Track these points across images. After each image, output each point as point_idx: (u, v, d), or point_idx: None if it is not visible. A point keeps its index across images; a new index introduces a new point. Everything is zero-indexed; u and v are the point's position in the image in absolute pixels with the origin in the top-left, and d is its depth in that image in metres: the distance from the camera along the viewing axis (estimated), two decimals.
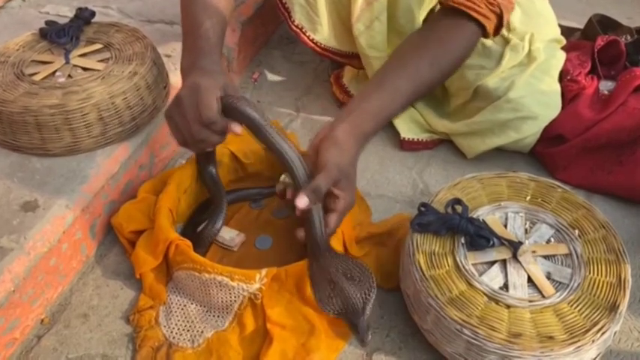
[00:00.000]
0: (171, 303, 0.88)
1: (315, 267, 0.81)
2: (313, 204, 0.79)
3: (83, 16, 1.11)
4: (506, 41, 1.06)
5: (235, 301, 0.83)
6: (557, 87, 1.08)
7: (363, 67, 1.16)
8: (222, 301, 0.84)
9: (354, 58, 1.17)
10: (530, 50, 1.07)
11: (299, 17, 1.11)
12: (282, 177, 0.99)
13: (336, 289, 0.78)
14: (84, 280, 0.93)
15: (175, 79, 1.12)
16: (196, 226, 0.96)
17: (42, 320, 0.88)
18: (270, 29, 1.47)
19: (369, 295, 0.78)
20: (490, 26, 0.92)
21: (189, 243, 0.88)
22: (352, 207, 0.83)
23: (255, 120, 0.82)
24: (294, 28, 1.12)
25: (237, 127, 0.83)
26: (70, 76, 1.01)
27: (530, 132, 1.06)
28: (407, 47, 0.93)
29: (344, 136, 0.82)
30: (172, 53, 1.18)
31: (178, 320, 0.86)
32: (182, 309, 0.87)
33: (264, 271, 0.82)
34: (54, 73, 1.02)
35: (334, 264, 0.80)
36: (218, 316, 0.85)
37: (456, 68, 0.97)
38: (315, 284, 0.80)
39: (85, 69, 1.03)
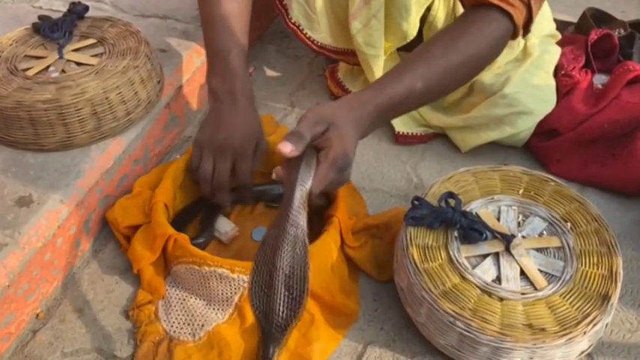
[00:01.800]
0: (171, 297, 0.88)
1: (272, 235, 0.64)
2: (297, 150, 0.68)
3: (76, 11, 1.11)
4: None
5: (236, 293, 0.84)
6: (552, 82, 1.09)
7: (357, 63, 1.16)
8: (222, 294, 0.84)
9: (349, 54, 1.17)
10: (525, 46, 1.07)
11: (296, 15, 1.11)
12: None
13: (271, 288, 0.63)
14: (79, 274, 0.94)
15: (169, 74, 1.12)
16: (182, 226, 0.96)
17: (37, 315, 0.88)
18: (264, 24, 1.46)
19: (292, 321, 0.63)
20: (517, 15, 0.85)
21: (187, 237, 0.88)
22: (346, 164, 0.72)
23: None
24: (291, 25, 1.12)
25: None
26: (63, 71, 1.01)
27: (525, 127, 1.07)
28: (435, 43, 0.87)
29: (339, 101, 0.78)
30: (166, 48, 1.18)
31: (178, 314, 0.86)
32: (182, 303, 0.87)
33: None
34: (47, 68, 1.02)
35: (288, 252, 0.63)
36: (218, 309, 0.85)
37: (481, 56, 0.86)
38: (258, 262, 0.65)
39: (78, 64, 1.03)
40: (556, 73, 1.11)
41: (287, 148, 0.68)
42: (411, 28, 1.07)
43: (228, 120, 0.93)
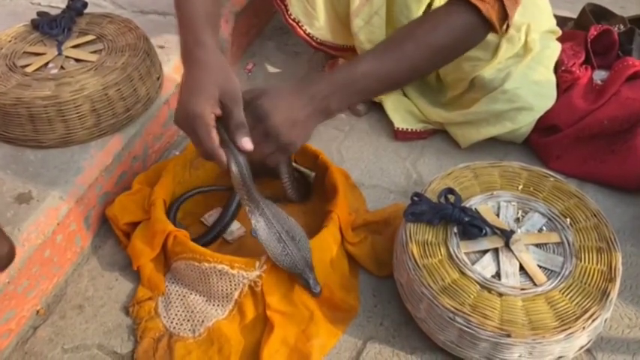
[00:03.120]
0: (170, 293, 0.88)
1: (261, 222, 0.81)
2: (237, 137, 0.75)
3: (75, 7, 1.11)
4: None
5: (235, 289, 0.84)
6: (553, 78, 1.09)
7: None
8: (222, 290, 0.84)
9: (348, 51, 1.17)
10: (526, 41, 1.07)
11: (296, 11, 1.10)
12: None
13: (286, 248, 0.81)
14: (79, 271, 0.94)
15: (169, 71, 1.12)
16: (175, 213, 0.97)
17: (37, 311, 0.88)
18: (263, 20, 1.46)
19: (309, 254, 0.82)
20: (486, 8, 0.87)
21: (186, 233, 0.88)
22: (262, 112, 0.77)
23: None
24: (291, 21, 1.12)
25: (248, 144, 0.76)
26: (62, 67, 1.01)
27: (525, 122, 1.07)
28: (398, 31, 0.92)
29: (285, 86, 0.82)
30: (165, 44, 1.18)
31: (178, 310, 0.86)
32: (182, 299, 0.87)
33: (263, 258, 0.83)
34: (46, 64, 1.01)
35: (278, 219, 0.82)
36: (218, 305, 0.85)
37: (450, 52, 0.91)
38: (267, 242, 0.81)
39: (77, 60, 1.02)
40: (556, 69, 1.11)
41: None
42: None
43: (182, 85, 0.80)
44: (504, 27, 0.93)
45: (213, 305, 0.86)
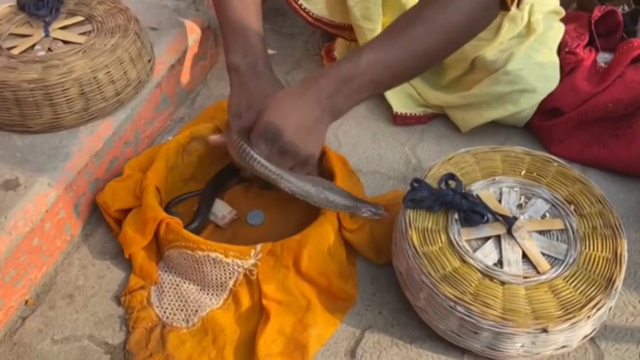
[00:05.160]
0: (163, 282, 0.86)
1: (293, 183, 0.83)
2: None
3: None
4: None
5: (230, 277, 0.82)
6: (556, 59, 1.06)
7: (354, 39, 1.13)
8: (216, 279, 0.83)
9: (345, 29, 1.14)
10: (529, 21, 1.05)
11: None
12: None
13: (328, 196, 0.84)
14: (69, 260, 0.92)
15: (160, 53, 1.09)
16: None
17: (26, 301, 0.86)
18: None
19: (349, 193, 0.86)
20: None
21: (179, 221, 0.86)
22: (271, 133, 0.78)
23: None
24: None
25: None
26: (49, 49, 0.98)
27: (527, 105, 1.05)
28: (403, 14, 0.86)
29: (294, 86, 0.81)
30: (157, 26, 1.14)
31: (171, 300, 0.85)
32: (175, 288, 0.86)
33: (259, 246, 0.82)
34: (33, 46, 0.98)
35: (302, 179, 0.83)
36: (212, 294, 0.84)
37: (463, 35, 0.83)
38: (306, 195, 0.84)
39: (65, 42, 0.99)
40: (559, 50, 1.08)
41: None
42: (410, 1, 1.04)
43: (255, 94, 0.88)
44: (516, 1, 0.85)
45: (208, 294, 0.84)
